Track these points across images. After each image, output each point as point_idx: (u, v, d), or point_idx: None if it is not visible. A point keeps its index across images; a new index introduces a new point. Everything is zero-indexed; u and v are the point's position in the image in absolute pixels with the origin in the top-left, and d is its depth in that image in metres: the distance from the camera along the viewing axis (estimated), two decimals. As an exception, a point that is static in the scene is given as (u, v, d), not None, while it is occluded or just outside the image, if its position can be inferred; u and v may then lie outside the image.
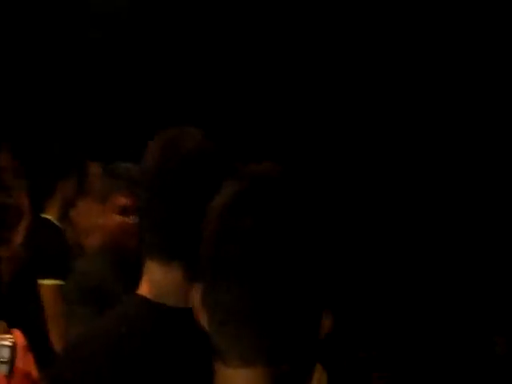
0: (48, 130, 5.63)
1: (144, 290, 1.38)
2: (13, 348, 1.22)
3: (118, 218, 2.84)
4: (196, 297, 0.97)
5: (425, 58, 5.38)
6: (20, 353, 1.22)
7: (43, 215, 4.01)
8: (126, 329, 1.32)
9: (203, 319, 0.97)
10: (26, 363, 1.23)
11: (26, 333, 3.72)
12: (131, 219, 2.75)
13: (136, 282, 1.42)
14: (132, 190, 2.62)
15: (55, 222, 4.02)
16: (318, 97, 5.77)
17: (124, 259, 2.77)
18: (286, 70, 5.81)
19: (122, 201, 2.82)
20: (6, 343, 1.23)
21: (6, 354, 1.20)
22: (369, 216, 5.35)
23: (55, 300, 3.41)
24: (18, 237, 4.02)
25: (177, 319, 1.33)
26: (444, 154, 5.30)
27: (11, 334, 1.27)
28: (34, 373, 1.23)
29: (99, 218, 2.99)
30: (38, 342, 3.47)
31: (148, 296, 1.37)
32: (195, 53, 5.92)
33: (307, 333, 0.97)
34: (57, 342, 3.44)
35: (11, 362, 1.20)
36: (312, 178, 1.12)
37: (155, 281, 1.37)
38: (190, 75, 5.91)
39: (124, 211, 2.82)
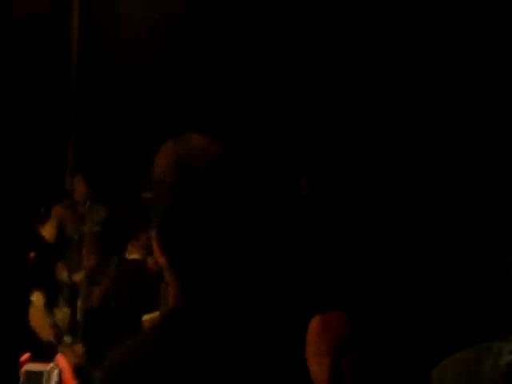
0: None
1: None
2: (60, 371, 1.40)
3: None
4: None
5: (424, 55, 5.50)
6: (65, 372, 1.41)
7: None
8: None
9: None
10: (70, 377, 1.42)
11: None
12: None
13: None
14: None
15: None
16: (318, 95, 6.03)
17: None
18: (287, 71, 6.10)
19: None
20: (58, 368, 1.40)
21: (57, 377, 1.40)
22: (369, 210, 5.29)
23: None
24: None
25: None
26: (445, 152, 5.27)
27: (55, 359, 1.43)
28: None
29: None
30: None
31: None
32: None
33: None
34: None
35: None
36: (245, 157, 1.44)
37: None
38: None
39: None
